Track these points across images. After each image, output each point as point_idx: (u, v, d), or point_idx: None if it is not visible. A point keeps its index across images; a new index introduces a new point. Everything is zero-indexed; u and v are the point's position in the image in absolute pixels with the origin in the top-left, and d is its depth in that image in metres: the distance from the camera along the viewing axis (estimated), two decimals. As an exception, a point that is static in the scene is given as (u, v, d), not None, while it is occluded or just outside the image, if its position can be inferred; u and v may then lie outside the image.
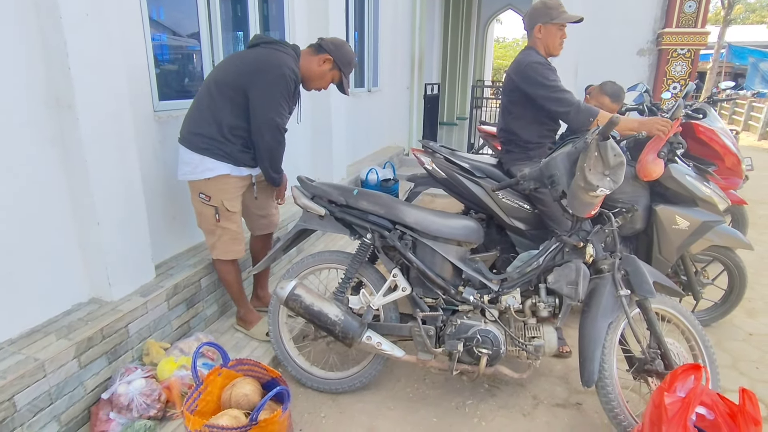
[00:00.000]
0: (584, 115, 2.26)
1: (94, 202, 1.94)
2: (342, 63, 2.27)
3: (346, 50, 2.27)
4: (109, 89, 1.94)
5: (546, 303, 1.98)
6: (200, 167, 2.17)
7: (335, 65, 2.27)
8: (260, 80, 2.08)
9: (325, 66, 2.26)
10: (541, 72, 2.32)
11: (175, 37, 2.78)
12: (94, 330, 1.88)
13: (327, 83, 2.33)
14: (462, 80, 12.13)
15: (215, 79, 2.17)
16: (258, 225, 2.59)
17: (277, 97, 2.10)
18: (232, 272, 2.43)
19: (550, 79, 2.32)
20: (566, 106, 2.29)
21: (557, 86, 2.32)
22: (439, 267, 2.07)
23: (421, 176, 2.94)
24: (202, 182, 2.19)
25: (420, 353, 2.06)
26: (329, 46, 2.25)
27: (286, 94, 2.14)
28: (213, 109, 2.13)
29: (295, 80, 2.15)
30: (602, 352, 1.85)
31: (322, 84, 2.33)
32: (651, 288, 1.88)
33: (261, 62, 2.11)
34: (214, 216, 2.24)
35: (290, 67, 2.12)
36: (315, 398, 2.21)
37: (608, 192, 1.80)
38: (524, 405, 2.19)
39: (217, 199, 2.22)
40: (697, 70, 6.76)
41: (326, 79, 2.31)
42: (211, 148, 2.15)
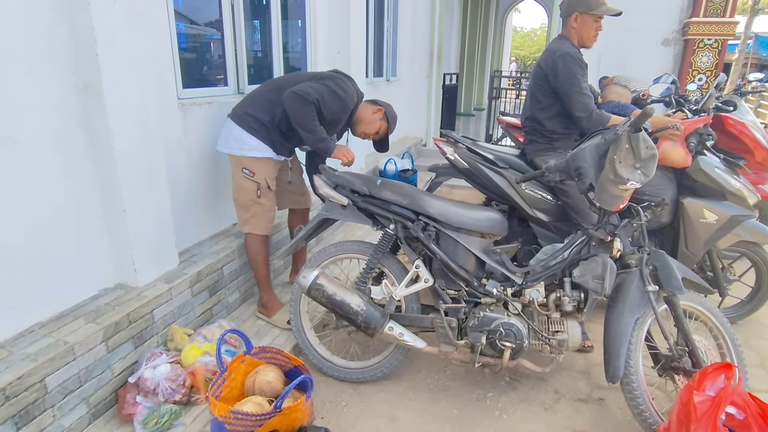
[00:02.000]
0: (595, 123, 2.28)
1: (121, 189, 1.96)
2: (390, 117, 2.54)
3: (393, 110, 2.58)
4: (135, 76, 1.95)
5: (571, 297, 1.96)
6: (247, 145, 2.33)
7: (385, 116, 2.52)
8: (316, 79, 2.34)
9: (377, 115, 2.50)
10: (570, 67, 2.28)
11: (197, 25, 2.77)
12: (121, 315, 1.91)
13: (374, 130, 2.52)
14: (480, 70, 11.98)
15: (287, 80, 2.41)
16: (295, 201, 2.76)
17: (320, 87, 2.26)
18: (262, 252, 2.51)
19: (577, 78, 2.29)
20: (582, 111, 2.29)
21: (581, 87, 2.29)
22: (462, 259, 2.05)
23: (443, 166, 2.91)
24: (248, 159, 2.35)
25: (442, 345, 2.06)
26: (381, 102, 2.57)
27: (331, 93, 2.28)
28: (273, 102, 2.32)
29: (347, 100, 2.35)
30: (628, 348, 1.83)
31: (371, 129, 2.52)
32: (680, 284, 1.84)
33: (328, 75, 2.40)
34: (256, 192, 2.39)
35: (350, 89, 2.37)
36: (336, 387, 2.22)
37: (639, 185, 1.76)
38: (546, 399, 2.18)
39: (260, 177, 2.38)
40: (724, 61, 6.58)
41: (375, 126, 2.51)
42: (261, 132, 2.33)
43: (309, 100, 2.20)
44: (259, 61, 3.30)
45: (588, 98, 2.29)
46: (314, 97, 2.20)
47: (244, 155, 2.34)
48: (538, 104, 2.48)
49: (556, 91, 2.35)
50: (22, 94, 1.67)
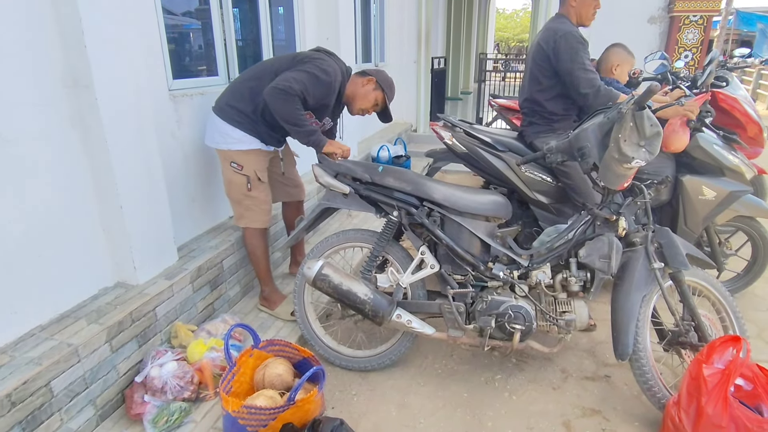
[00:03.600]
0: (603, 98, 2.24)
1: (117, 185, 1.90)
2: (384, 84, 2.35)
3: (386, 75, 2.40)
4: (126, 68, 1.88)
5: (577, 277, 1.96)
6: (232, 138, 2.26)
7: (378, 85, 2.33)
8: (296, 64, 2.22)
9: (369, 86, 2.32)
10: (572, 45, 2.26)
11: (185, 16, 2.69)
12: (123, 314, 1.87)
13: (371, 103, 2.35)
14: (466, 53, 11.90)
15: (267, 67, 2.29)
16: (288, 193, 2.69)
17: (301, 75, 2.13)
18: (261, 246, 2.47)
19: (579, 55, 2.27)
20: (588, 87, 2.26)
21: (584, 65, 2.27)
22: (468, 243, 2.04)
23: (440, 151, 2.89)
24: (234, 152, 2.28)
25: (450, 330, 2.06)
26: (371, 71, 2.38)
27: (313, 79, 2.14)
28: (255, 91, 2.22)
29: (330, 82, 2.19)
30: (636, 326, 1.84)
31: (366, 104, 2.35)
32: (685, 260, 1.85)
33: (308, 56, 2.25)
34: (246, 185, 2.33)
35: (333, 69, 2.21)
36: (344, 376, 2.21)
37: (644, 164, 1.75)
38: (553, 378, 2.20)
39: (249, 169, 2.31)
40: (709, 37, 6.62)
41: (370, 99, 2.34)
42: (244, 123, 2.25)
43: (291, 94, 2.08)
44: (249, 50, 3.22)
45: (593, 74, 2.27)
46: (297, 89, 2.09)
47: (230, 149, 2.28)
48: (539, 85, 2.46)
49: (559, 71, 2.33)
50: (10, 90, 1.60)
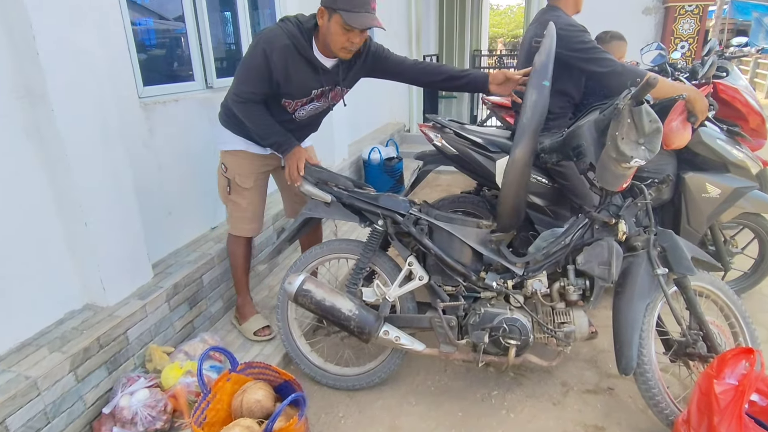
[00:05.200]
0: (629, 75, 2.01)
1: (80, 200, 1.77)
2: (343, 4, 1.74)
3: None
4: (85, 75, 1.75)
5: (575, 286, 1.83)
6: (222, 138, 2.17)
7: (328, 9, 1.77)
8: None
9: (323, 19, 1.81)
10: (576, 34, 2.12)
11: (158, 20, 2.56)
12: (90, 340, 1.74)
13: (343, 39, 1.80)
14: (459, 50, 11.77)
15: None
16: (294, 209, 2.47)
17: (240, 69, 1.92)
18: (240, 255, 2.34)
19: (587, 41, 2.13)
20: (607, 66, 2.08)
21: (595, 46, 2.13)
22: (458, 252, 1.91)
23: (430, 153, 2.76)
24: (223, 153, 2.20)
25: (442, 345, 1.93)
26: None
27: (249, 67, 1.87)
28: None
29: (263, 61, 1.81)
30: (640, 336, 1.71)
31: (339, 42, 1.81)
32: (690, 265, 1.73)
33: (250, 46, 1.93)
34: (226, 188, 2.22)
35: (269, 38, 1.82)
36: (331, 396, 2.09)
37: (643, 163, 1.63)
38: (553, 393, 2.07)
39: (232, 172, 2.18)
40: (705, 27, 6.50)
41: (336, 34, 1.79)
42: (230, 122, 2.11)
43: (239, 102, 1.91)
44: (228, 53, 3.09)
45: (608, 54, 2.11)
46: (239, 93, 1.90)
47: (221, 149, 2.20)
48: (531, 82, 2.33)
49: (568, 62, 2.17)
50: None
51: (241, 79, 1.90)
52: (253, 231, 2.31)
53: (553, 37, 1.81)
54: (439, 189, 4.97)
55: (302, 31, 1.87)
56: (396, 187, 4.58)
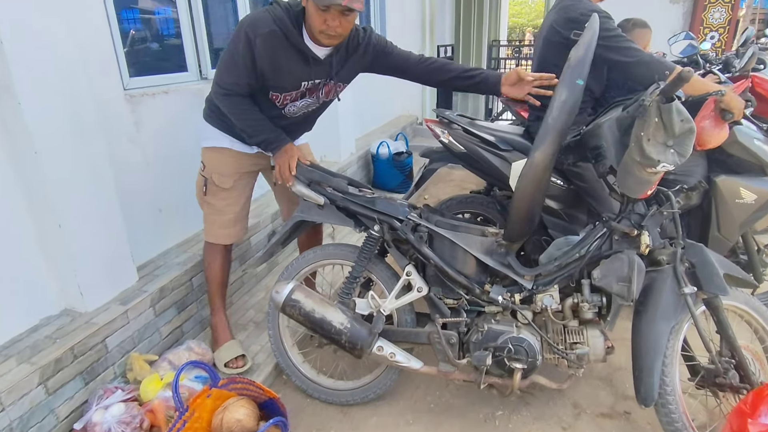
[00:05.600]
0: (656, 67, 1.80)
1: (52, 200, 1.65)
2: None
3: None
4: (56, 65, 1.62)
5: (590, 302, 1.65)
6: (203, 134, 2.00)
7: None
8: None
9: (306, 3, 1.62)
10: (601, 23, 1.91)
11: (146, 5, 2.41)
12: (62, 350, 1.62)
13: (319, 21, 1.59)
14: (477, 41, 11.43)
15: None
16: (290, 210, 2.25)
17: (223, 58, 1.74)
18: (216, 267, 2.10)
19: (611, 28, 1.92)
20: (632, 56, 1.87)
21: (620, 34, 1.92)
22: (461, 262, 1.74)
23: (437, 150, 2.58)
24: (204, 149, 2.02)
25: (441, 364, 1.77)
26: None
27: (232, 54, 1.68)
28: None
29: (247, 50, 1.64)
30: (663, 363, 1.53)
31: (315, 25, 1.61)
32: (723, 284, 1.53)
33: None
34: (202, 187, 2.03)
35: (254, 23, 1.63)
36: (323, 412, 1.95)
37: (671, 168, 1.43)
38: (563, 415, 1.90)
39: (209, 170, 2.00)
40: (737, 17, 6.15)
41: (311, 15, 1.61)
42: (213, 116, 1.94)
43: (222, 94, 1.74)
44: (225, 41, 2.94)
45: (633, 43, 1.91)
46: (228, 82, 1.71)
47: (202, 146, 2.02)
48: (552, 74, 2.13)
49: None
50: None
51: (224, 69, 1.72)
52: (230, 237, 2.09)
53: (596, 30, 1.62)
54: (452, 185, 4.78)
55: (291, 16, 1.67)
56: (405, 182, 4.41)
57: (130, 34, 2.22)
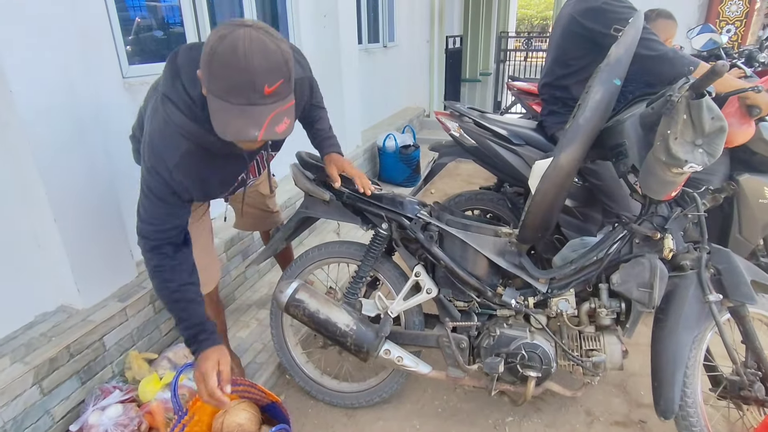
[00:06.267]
0: (680, 62, 1.74)
1: (48, 194, 1.59)
2: (212, 83, 0.98)
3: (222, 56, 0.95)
4: (51, 51, 1.54)
5: (608, 308, 1.57)
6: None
7: (203, 79, 1.02)
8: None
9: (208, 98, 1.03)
10: (620, 10, 1.81)
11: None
12: (57, 349, 1.57)
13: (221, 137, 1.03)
14: (485, 32, 11.27)
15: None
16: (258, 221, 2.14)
17: (140, 201, 1.26)
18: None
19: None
20: (656, 50, 1.77)
21: (644, 26, 1.82)
22: (472, 263, 1.67)
23: (447, 144, 2.50)
24: None
25: (450, 368, 1.70)
26: (204, 55, 0.99)
27: (148, 196, 1.22)
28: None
29: (166, 177, 1.19)
30: (685, 374, 1.45)
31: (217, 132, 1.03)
32: (751, 292, 1.45)
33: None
34: None
35: (161, 154, 1.18)
36: (327, 414, 1.89)
37: (700, 168, 1.34)
38: (576, 423, 1.83)
39: None
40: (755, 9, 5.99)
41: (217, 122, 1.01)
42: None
43: (148, 247, 1.25)
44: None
45: (655, 35, 1.81)
46: (151, 232, 1.24)
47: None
48: (567, 68, 2.03)
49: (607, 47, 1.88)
50: None
51: (144, 216, 1.24)
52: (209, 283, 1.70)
53: (639, 29, 1.52)
54: (459, 179, 4.69)
55: (196, 112, 1.14)
56: (412, 176, 4.33)
57: (134, 21, 2.14)
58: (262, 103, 0.97)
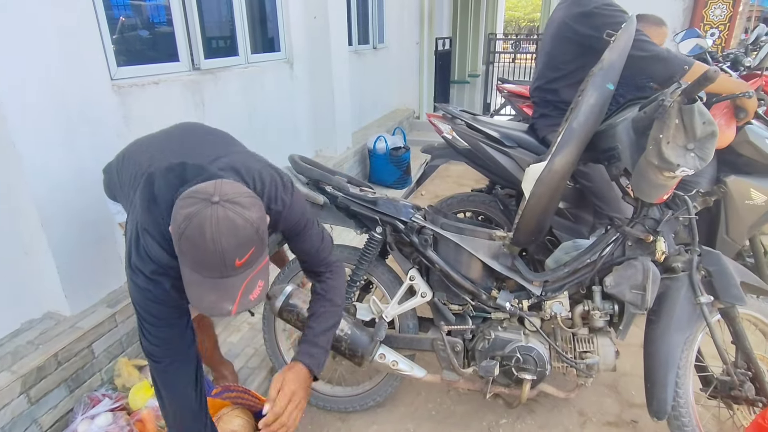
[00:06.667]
0: (674, 61, 1.74)
1: (34, 199, 1.55)
2: (183, 256, 0.94)
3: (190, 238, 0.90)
4: (37, 51, 1.51)
5: (602, 310, 1.59)
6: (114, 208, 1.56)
7: (182, 264, 0.96)
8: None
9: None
10: (613, 14, 1.82)
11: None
12: (45, 357, 1.53)
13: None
14: (474, 34, 11.35)
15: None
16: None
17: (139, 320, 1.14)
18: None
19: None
20: (647, 50, 1.77)
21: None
22: (467, 267, 1.67)
23: (439, 147, 2.50)
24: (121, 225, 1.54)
25: (445, 372, 1.70)
26: (172, 230, 0.94)
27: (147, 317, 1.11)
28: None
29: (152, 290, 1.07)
30: (677, 375, 1.47)
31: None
32: (741, 293, 1.47)
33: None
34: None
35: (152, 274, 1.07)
36: (321, 419, 1.88)
37: (691, 172, 1.36)
38: (569, 424, 1.84)
39: None
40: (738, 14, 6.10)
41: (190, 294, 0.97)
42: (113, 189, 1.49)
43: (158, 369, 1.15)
44: (219, 29, 2.83)
45: (647, 37, 1.82)
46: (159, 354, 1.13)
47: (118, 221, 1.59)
48: (558, 71, 2.05)
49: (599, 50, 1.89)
50: None
51: (149, 336, 1.12)
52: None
53: (632, 34, 1.53)
54: (450, 181, 4.70)
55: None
56: (402, 178, 4.33)
57: (118, 21, 2.11)
58: (234, 275, 0.93)
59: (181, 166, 1.06)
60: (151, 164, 1.17)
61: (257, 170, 1.17)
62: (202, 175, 1.04)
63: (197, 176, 1.04)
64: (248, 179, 1.13)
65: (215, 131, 1.43)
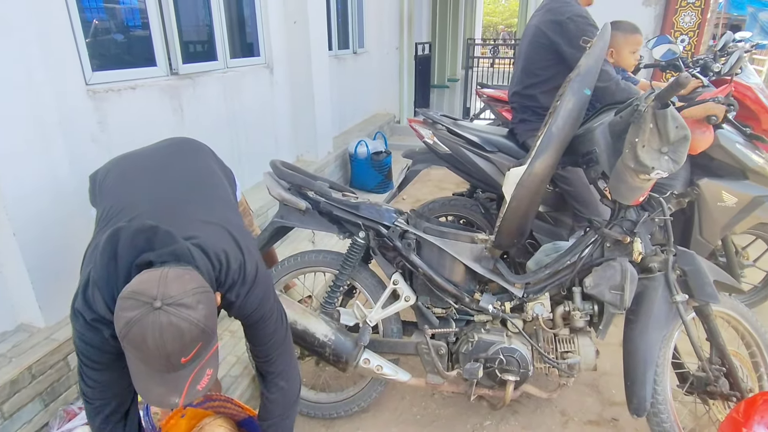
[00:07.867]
0: (623, 94, 1.87)
1: (5, 207, 1.51)
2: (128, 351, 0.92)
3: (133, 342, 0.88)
4: (10, 54, 1.47)
5: (582, 311, 1.62)
6: None
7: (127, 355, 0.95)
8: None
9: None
10: (584, 29, 1.88)
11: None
12: (18, 370, 1.49)
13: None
14: (452, 39, 11.45)
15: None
16: None
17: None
18: None
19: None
20: (604, 81, 1.87)
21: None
22: (450, 270, 1.68)
23: (420, 151, 2.52)
24: None
25: (429, 375, 1.71)
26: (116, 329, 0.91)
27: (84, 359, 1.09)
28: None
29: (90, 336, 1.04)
30: (655, 372, 1.50)
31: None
32: (714, 291, 1.52)
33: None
34: None
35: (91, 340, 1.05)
36: (305, 425, 1.86)
37: (666, 175, 1.40)
38: (551, 424, 1.87)
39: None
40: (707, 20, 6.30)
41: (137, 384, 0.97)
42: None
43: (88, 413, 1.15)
44: (197, 33, 2.79)
45: (609, 65, 1.90)
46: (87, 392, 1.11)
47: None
48: (534, 77, 2.09)
49: (567, 59, 1.95)
50: None
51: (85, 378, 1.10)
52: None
53: (607, 41, 1.58)
54: (430, 185, 4.73)
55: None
56: (384, 182, 4.33)
57: (92, 24, 2.06)
58: (180, 368, 0.91)
59: (152, 231, 1.02)
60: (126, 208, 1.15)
61: (226, 254, 1.12)
62: (169, 247, 1.00)
63: (165, 246, 1.00)
64: (215, 262, 1.09)
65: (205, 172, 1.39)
